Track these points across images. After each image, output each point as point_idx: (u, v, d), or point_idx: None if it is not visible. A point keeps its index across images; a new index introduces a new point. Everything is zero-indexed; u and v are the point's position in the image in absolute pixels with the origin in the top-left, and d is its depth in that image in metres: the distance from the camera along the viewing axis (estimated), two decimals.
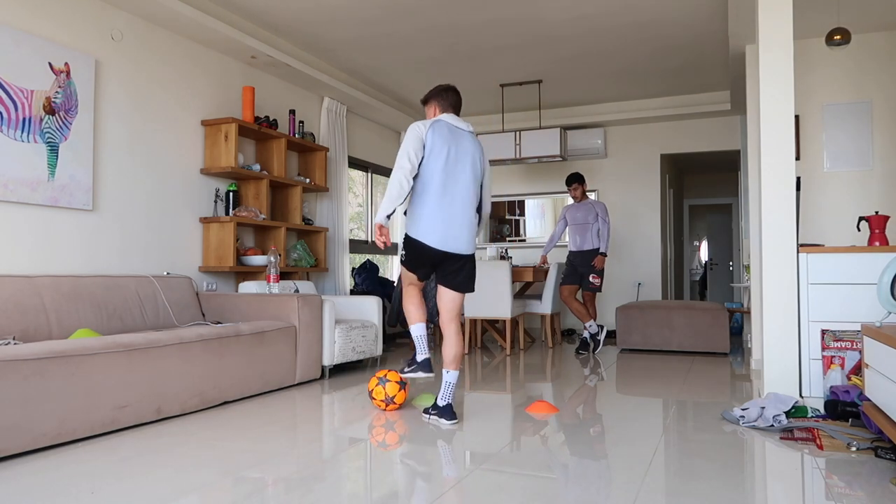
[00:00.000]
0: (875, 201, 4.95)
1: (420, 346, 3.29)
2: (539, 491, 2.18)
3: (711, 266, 11.08)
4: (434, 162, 3.11)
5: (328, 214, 6.30)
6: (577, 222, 6.06)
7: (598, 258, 5.92)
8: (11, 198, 3.57)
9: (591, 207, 6.02)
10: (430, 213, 3.12)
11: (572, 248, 6.10)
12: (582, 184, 6.09)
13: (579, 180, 6.08)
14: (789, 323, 3.57)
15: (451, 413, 3.17)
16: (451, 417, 3.16)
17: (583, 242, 6.02)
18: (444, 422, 3.17)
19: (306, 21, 4.99)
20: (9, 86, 3.56)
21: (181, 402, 3.32)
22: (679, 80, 6.56)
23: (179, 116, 4.72)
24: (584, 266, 5.99)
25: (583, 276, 6.00)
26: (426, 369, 3.28)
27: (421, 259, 3.18)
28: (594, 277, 5.92)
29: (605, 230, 5.95)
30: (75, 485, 2.25)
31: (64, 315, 3.53)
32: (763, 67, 3.67)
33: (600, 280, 5.94)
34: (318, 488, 2.21)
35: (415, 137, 3.12)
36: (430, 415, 3.24)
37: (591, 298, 6.08)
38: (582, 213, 6.04)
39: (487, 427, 3.11)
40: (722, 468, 2.43)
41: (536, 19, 4.97)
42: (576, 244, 6.07)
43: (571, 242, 6.12)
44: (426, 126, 3.15)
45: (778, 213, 3.62)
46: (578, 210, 6.07)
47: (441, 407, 3.19)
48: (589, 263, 5.96)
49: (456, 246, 3.15)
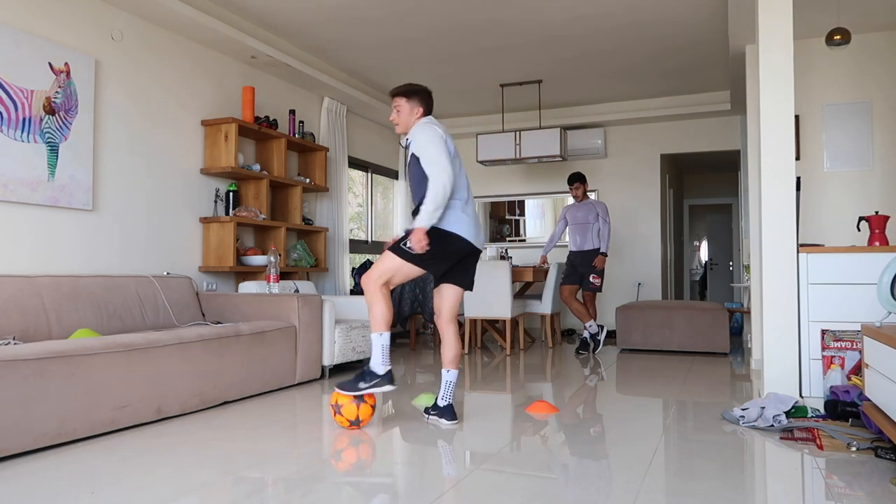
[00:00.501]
0: (875, 201, 4.95)
1: (384, 355, 3.05)
2: (539, 491, 2.18)
3: (711, 266, 11.08)
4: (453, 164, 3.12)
5: (328, 214, 6.30)
6: (578, 222, 6.06)
7: (598, 258, 5.92)
8: (11, 198, 3.57)
9: (591, 207, 6.02)
10: (461, 210, 3.10)
11: (572, 248, 6.10)
12: (584, 183, 6.09)
13: (581, 180, 6.08)
14: (789, 323, 3.57)
15: (452, 413, 3.16)
16: (452, 417, 3.16)
17: (583, 242, 6.02)
18: (445, 422, 3.16)
19: (306, 21, 4.99)
20: (9, 86, 3.56)
21: (181, 402, 3.32)
22: (679, 80, 6.56)
23: (179, 116, 4.72)
24: (585, 266, 5.99)
25: (583, 276, 6.00)
26: (390, 381, 3.05)
27: (448, 254, 3.08)
28: (594, 277, 5.92)
29: (606, 230, 5.95)
30: (75, 485, 2.25)
31: (64, 315, 3.53)
32: (763, 67, 3.67)
33: (600, 280, 5.94)
34: (318, 488, 2.21)
35: (440, 140, 3.06)
36: (431, 415, 3.23)
37: (591, 298, 6.08)
38: (583, 213, 6.04)
39: (487, 427, 3.11)
40: (722, 468, 2.43)
41: (536, 19, 4.97)
42: (576, 244, 6.07)
43: (572, 242, 6.11)
44: (442, 129, 3.13)
45: (778, 213, 3.62)
46: (579, 210, 6.07)
47: (442, 407, 3.18)
48: (589, 263, 5.96)
49: (481, 242, 3.20)
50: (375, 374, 3.02)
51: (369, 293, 3.05)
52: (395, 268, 3.05)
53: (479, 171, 8.39)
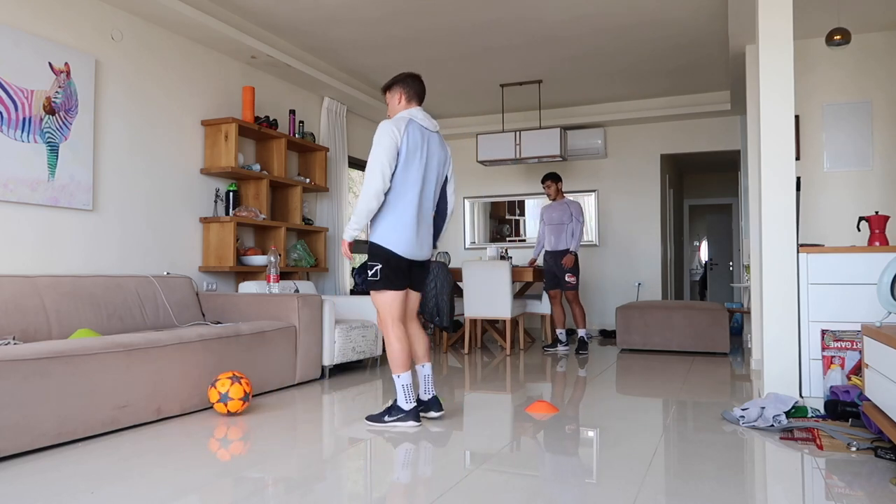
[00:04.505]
0: (875, 201, 4.95)
1: (407, 394, 3.07)
2: (539, 491, 2.18)
3: (711, 266, 11.08)
4: (408, 169, 3.01)
5: (328, 214, 6.30)
6: (553, 223, 6.02)
7: (567, 257, 5.85)
8: (11, 198, 3.57)
9: (566, 207, 5.97)
10: (404, 224, 3.03)
11: (547, 248, 6.07)
12: (556, 182, 6.03)
13: (552, 178, 6.03)
14: (789, 323, 3.57)
15: (438, 404, 3.23)
16: (439, 409, 3.23)
17: (557, 242, 5.98)
18: (433, 413, 3.22)
19: (306, 21, 4.99)
20: (9, 86, 3.56)
21: (181, 402, 3.32)
22: (679, 80, 6.56)
23: (179, 116, 4.72)
24: (558, 266, 5.93)
25: (558, 276, 5.95)
26: (415, 418, 3.06)
27: (399, 269, 3.06)
28: (569, 276, 5.87)
29: (579, 230, 5.89)
30: (75, 485, 2.25)
31: (64, 315, 3.53)
32: (763, 67, 3.67)
33: (576, 278, 5.89)
34: (318, 488, 2.21)
35: (390, 144, 2.95)
36: (419, 411, 3.21)
37: (574, 298, 5.95)
38: (557, 214, 5.99)
39: (487, 427, 3.11)
40: (722, 468, 2.43)
41: (536, 19, 4.97)
42: (551, 244, 6.03)
43: (547, 242, 6.08)
44: (400, 130, 2.99)
45: (778, 213, 3.62)
46: (554, 210, 6.03)
47: (427, 401, 3.23)
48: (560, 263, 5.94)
49: (424, 253, 3.15)
50: (401, 410, 3.08)
51: (384, 335, 3.14)
52: (381, 302, 3.11)
53: (479, 171, 8.39)
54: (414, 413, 3.07)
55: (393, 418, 3.08)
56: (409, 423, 3.07)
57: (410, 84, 3.16)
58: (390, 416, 3.09)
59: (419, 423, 3.08)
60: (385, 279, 3.06)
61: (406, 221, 3.04)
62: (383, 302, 3.10)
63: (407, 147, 3.00)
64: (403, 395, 3.07)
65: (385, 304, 3.10)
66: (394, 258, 3.05)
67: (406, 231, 3.04)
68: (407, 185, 3.03)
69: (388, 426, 3.08)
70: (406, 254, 3.06)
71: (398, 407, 3.09)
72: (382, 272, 3.05)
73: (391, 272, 3.05)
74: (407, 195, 3.03)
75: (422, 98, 3.21)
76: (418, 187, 3.05)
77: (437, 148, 3.16)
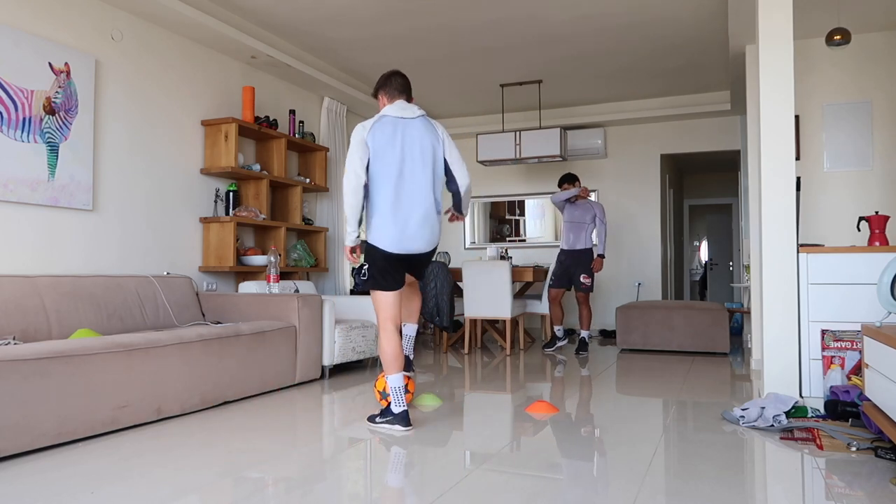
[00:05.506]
0: (875, 201, 4.95)
1: (395, 396, 3.05)
2: (539, 491, 2.18)
3: (711, 266, 11.08)
4: (381, 164, 2.99)
5: (328, 214, 6.30)
6: (574, 220, 5.94)
7: (597, 261, 5.84)
8: (11, 198, 3.57)
9: (590, 208, 5.95)
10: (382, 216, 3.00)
11: (564, 247, 5.97)
12: (573, 183, 6.01)
13: (570, 180, 5.99)
14: (789, 323, 3.57)
15: (409, 364, 3.39)
16: (409, 368, 3.37)
17: (576, 242, 5.91)
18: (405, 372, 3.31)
19: (306, 21, 4.99)
20: (9, 86, 3.56)
21: (181, 402, 3.32)
22: (679, 80, 6.56)
23: (179, 116, 4.72)
24: (576, 266, 5.88)
25: (573, 276, 5.90)
26: (405, 422, 3.02)
27: (386, 269, 3.05)
28: (585, 277, 5.83)
29: (603, 232, 5.87)
30: (75, 485, 2.25)
31: (64, 315, 3.53)
32: (763, 67, 3.67)
33: (591, 280, 5.87)
34: (318, 488, 2.21)
35: (358, 143, 2.98)
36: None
37: (584, 300, 5.92)
38: (580, 212, 5.95)
39: (487, 427, 3.11)
40: (722, 468, 2.43)
41: (536, 19, 4.97)
42: (568, 242, 5.94)
43: (564, 240, 5.98)
44: (366, 129, 3.00)
45: (778, 213, 3.62)
46: (577, 208, 5.99)
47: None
48: (580, 263, 5.85)
49: (415, 246, 3.05)
50: (390, 412, 3.08)
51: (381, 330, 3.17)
52: (374, 301, 3.16)
53: (479, 171, 8.39)
54: (402, 417, 3.02)
55: (383, 420, 3.09)
56: (396, 426, 3.03)
57: (391, 83, 3.16)
58: (381, 418, 3.10)
59: (408, 428, 3.02)
60: (371, 279, 3.08)
61: (383, 214, 3.01)
62: (375, 301, 3.14)
63: (374, 143, 2.99)
64: (393, 396, 3.06)
65: (376, 303, 3.14)
66: (379, 256, 3.04)
67: (385, 224, 3.01)
68: (381, 180, 3.00)
69: (378, 426, 3.09)
70: (392, 248, 3.01)
71: (389, 409, 3.08)
72: (369, 272, 3.08)
73: (377, 272, 3.06)
74: (381, 190, 3.00)
75: (406, 90, 3.17)
76: (393, 180, 2.99)
77: (419, 132, 3.05)
